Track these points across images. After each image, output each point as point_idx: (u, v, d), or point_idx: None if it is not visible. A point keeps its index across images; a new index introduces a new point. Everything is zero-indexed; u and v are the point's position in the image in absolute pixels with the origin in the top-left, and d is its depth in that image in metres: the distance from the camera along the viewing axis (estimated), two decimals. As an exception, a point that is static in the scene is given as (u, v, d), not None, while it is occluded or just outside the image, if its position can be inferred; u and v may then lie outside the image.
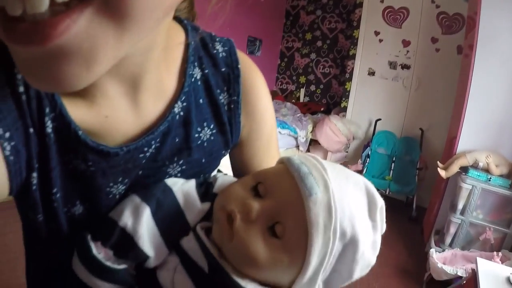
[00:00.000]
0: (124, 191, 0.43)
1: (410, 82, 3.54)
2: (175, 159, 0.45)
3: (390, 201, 3.33)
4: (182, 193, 0.43)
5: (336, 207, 0.37)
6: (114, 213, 0.41)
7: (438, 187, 2.80)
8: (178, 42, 0.45)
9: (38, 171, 0.36)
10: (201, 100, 0.46)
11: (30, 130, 0.34)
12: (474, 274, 1.55)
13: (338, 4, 4.41)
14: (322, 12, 4.54)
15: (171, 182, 0.44)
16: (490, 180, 2.31)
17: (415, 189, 3.23)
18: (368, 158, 3.43)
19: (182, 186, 0.44)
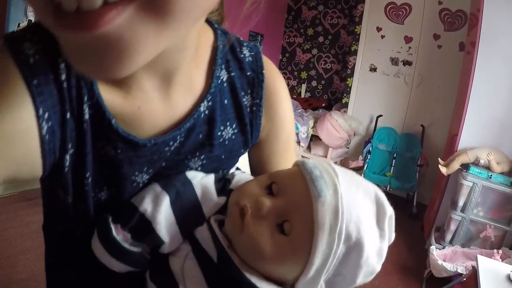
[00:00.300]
0: (147, 181, 0.46)
1: (411, 78, 3.53)
2: (197, 154, 0.48)
3: (391, 197, 3.28)
4: (200, 186, 0.46)
5: (343, 210, 0.38)
6: (135, 199, 0.44)
7: (439, 184, 2.80)
8: (208, 43, 0.48)
9: (73, 155, 0.39)
10: (226, 101, 0.49)
11: (67, 115, 0.37)
12: (474, 272, 1.55)
13: (340, -1, 4.39)
14: (324, 7, 4.51)
15: (191, 175, 0.47)
16: (491, 177, 2.31)
17: (416, 185, 3.24)
18: (369, 154, 3.43)
19: (201, 180, 0.46)
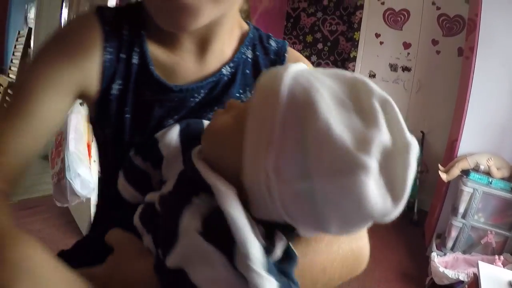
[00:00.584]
0: None
1: (410, 84, 3.53)
2: (215, 108, 0.55)
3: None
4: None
5: (285, 75, 0.34)
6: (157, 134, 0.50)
7: (439, 190, 2.78)
8: (242, 31, 0.59)
9: (119, 89, 0.51)
10: (247, 71, 0.58)
11: (122, 56, 0.51)
12: (476, 278, 1.54)
13: (338, 6, 4.40)
14: (322, 14, 4.54)
15: (206, 122, 0.52)
16: (491, 183, 2.29)
17: (416, 192, 3.21)
18: (369, 161, 3.41)
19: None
